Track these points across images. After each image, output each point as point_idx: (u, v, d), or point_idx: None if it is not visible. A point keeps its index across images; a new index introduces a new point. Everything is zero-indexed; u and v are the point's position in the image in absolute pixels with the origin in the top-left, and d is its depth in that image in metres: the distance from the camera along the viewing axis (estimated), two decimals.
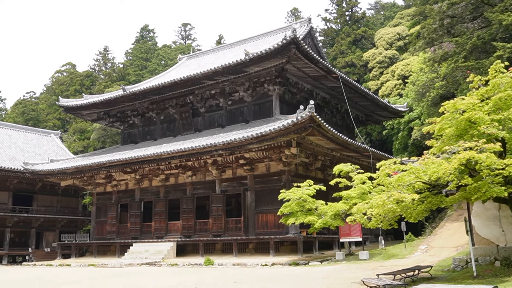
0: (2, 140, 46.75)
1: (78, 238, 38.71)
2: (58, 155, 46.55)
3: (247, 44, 38.65)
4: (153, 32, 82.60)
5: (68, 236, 39.88)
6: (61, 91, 68.79)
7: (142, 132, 38.09)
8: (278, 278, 16.08)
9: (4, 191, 42.63)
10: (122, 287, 15.08)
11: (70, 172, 35.72)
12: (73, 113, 42.50)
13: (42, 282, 18.08)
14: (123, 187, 36.36)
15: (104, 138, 54.69)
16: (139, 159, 30.71)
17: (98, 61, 78.32)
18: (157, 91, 33.99)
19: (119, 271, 23.83)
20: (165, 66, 66.63)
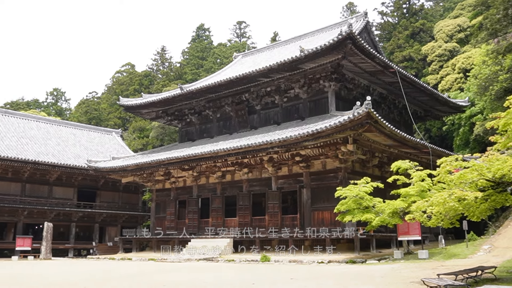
0: (67, 138, 48.92)
1: (139, 233, 39.96)
2: (119, 152, 48.17)
3: (302, 41, 38.50)
4: (208, 31, 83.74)
5: (129, 231, 41.25)
6: (121, 91, 71.10)
7: (199, 130, 38.77)
8: (334, 276, 16.00)
9: (70, 187, 44.67)
10: (184, 281, 15.46)
11: (130, 169, 36.91)
12: (133, 112, 43.87)
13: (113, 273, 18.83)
14: (181, 184, 37.18)
15: (162, 136, 56.06)
16: (196, 156, 31.29)
17: (156, 60, 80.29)
18: (213, 89, 34.48)
19: (178, 266, 24.41)
20: (221, 65, 67.43)
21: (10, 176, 40.71)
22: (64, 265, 27.18)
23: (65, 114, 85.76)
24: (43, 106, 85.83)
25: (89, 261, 33.70)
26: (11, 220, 40.92)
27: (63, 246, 42.59)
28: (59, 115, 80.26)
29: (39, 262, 31.88)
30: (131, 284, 14.65)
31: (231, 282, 15.16)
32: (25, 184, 41.76)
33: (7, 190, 40.63)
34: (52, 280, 16.26)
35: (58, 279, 16.63)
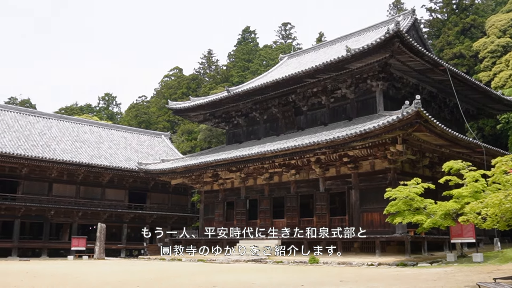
0: (119, 142, 50.32)
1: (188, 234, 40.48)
2: (168, 155, 49.12)
3: (348, 40, 38.12)
4: (254, 33, 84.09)
5: (178, 232, 41.92)
6: (169, 94, 72.46)
7: (246, 132, 39.03)
8: (385, 278, 15.75)
9: (121, 189, 45.93)
10: (232, 281, 15.62)
11: (179, 171, 37.58)
12: (181, 115, 44.67)
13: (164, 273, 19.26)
14: (229, 186, 37.54)
15: (210, 138, 56.74)
16: (243, 158, 31.52)
17: (203, 64, 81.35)
18: (259, 91, 34.63)
19: (227, 267, 24.66)
20: (267, 66, 67.58)
21: (65, 178, 42.29)
22: (117, 265, 27.98)
23: (116, 118, 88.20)
24: (96, 111, 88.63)
25: (140, 261, 34.53)
26: (67, 221, 42.48)
27: (115, 247, 43.80)
28: (111, 119, 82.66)
29: (93, 262, 32.94)
30: (182, 284, 14.92)
31: (279, 283, 15.19)
32: (79, 187, 43.25)
33: (63, 192, 42.23)
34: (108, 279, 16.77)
35: (113, 278, 17.15)
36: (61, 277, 17.49)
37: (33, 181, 40.83)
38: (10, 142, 39.82)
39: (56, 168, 40.55)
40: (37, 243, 41.18)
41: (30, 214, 39.96)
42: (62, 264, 29.77)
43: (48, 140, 43.41)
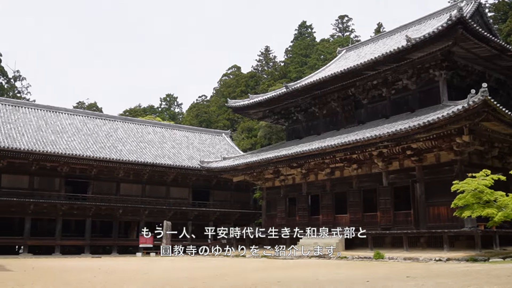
0: (181, 141, 51.53)
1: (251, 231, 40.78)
2: (229, 153, 49.74)
3: (408, 30, 37.05)
4: (310, 28, 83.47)
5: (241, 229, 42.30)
6: (228, 93, 73.31)
7: (305, 127, 38.84)
8: (454, 274, 15.23)
9: (185, 187, 47.02)
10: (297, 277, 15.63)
11: (241, 169, 37.97)
12: (241, 112, 45.09)
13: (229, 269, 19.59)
14: (290, 182, 37.53)
15: (270, 135, 56.92)
16: (304, 153, 31.41)
17: (260, 61, 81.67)
18: (318, 86, 34.35)
19: (291, 263, 24.69)
20: (325, 61, 66.91)
21: (132, 178, 43.80)
22: (182, 261, 28.66)
23: (178, 118, 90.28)
24: (158, 112, 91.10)
25: (205, 257, 35.18)
26: (134, 219, 44.00)
27: (181, 243, 44.85)
28: (173, 119, 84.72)
29: (160, 258, 33.92)
30: (246, 280, 15.09)
31: (344, 279, 15.04)
32: (145, 186, 44.68)
33: (130, 191, 43.78)
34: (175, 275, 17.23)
35: (179, 274, 17.60)
36: (131, 273, 18.15)
37: (102, 181, 42.61)
38: (80, 145, 41.71)
39: (122, 168, 42.09)
40: (107, 241, 42.96)
41: (100, 213, 41.75)
42: (131, 260, 30.88)
43: (114, 142, 45.13)
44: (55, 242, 39.74)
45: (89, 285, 13.64)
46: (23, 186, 38.85)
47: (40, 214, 39.47)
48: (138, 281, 15.00)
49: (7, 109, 43.30)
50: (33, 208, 38.39)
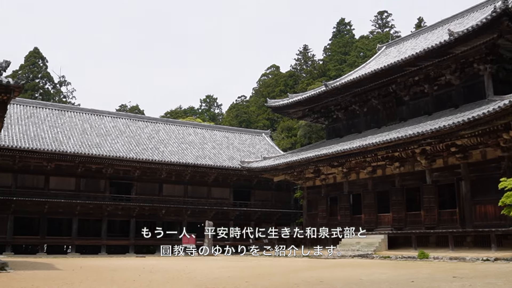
0: (221, 142, 51.96)
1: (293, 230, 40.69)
2: (269, 152, 49.79)
3: (450, 24, 36.12)
4: (349, 25, 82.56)
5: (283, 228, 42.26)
6: (267, 93, 73.36)
7: (346, 126, 38.48)
8: (503, 274, 14.76)
9: (226, 187, 47.37)
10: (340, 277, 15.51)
11: (281, 168, 37.97)
12: (280, 112, 45.08)
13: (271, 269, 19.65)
14: (331, 181, 37.27)
15: (309, 134, 56.67)
16: (344, 152, 31.15)
17: (299, 60, 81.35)
18: (358, 83, 33.99)
19: (333, 262, 24.52)
20: (364, 58, 66.08)
21: (174, 179, 44.48)
22: (225, 261, 28.89)
23: (217, 119, 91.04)
24: (198, 113, 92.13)
25: (247, 257, 35.36)
26: (177, 220, 44.66)
27: (223, 243, 45.20)
28: (213, 120, 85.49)
29: (203, 258, 34.28)
30: (289, 279, 15.08)
31: (388, 279, 14.82)
32: (187, 186, 45.27)
33: (172, 192, 44.47)
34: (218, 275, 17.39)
35: (222, 274, 17.74)
36: (174, 272, 18.42)
37: (145, 182, 43.46)
38: (123, 147, 42.67)
39: (165, 169, 42.79)
40: (151, 241, 43.71)
41: (143, 214, 42.59)
42: (175, 260, 31.33)
43: (156, 143, 45.94)
44: (101, 242, 40.79)
45: (135, 284, 13.94)
46: (70, 187, 40.07)
47: (86, 215, 40.61)
48: (181, 280, 15.22)
49: (54, 114, 44.75)
50: (80, 209, 39.54)
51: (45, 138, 39.48)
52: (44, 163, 38.67)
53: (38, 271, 18.54)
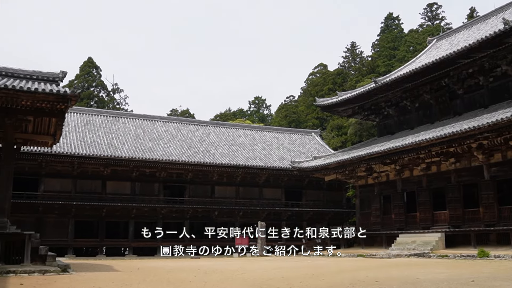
0: (271, 142, 52.07)
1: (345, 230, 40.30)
2: (320, 152, 49.46)
3: (504, 12, 34.75)
4: (397, 20, 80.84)
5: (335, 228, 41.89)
6: (316, 92, 72.89)
7: (397, 122, 37.75)
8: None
9: (277, 188, 47.42)
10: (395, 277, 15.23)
11: (332, 167, 37.65)
12: (329, 111, 44.71)
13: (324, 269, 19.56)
14: (384, 179, 36.63)
15: (360, 132, 55.88)
16: (397, 149, 30.56)
17: (347, 57, 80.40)
18: (409, 78, 33.27)
19: (388, 262, 24.07)
20: (414, 52, 64.51)
21: (225, 180, 44.96)
22: (278, 261, 28.93)
23: (267, 120, 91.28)
24: (247, 115, 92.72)
25: (300, 257, 35.27)
26: (230, 221, 45.04)
27: (275, 243, 45.27)
28: (262, 121, 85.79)
29: (256, 259, 34.48)
30: (343, 279, 14.93)
31: (447, 278, 14.41)
32: (238, 187, 45.64)
33: (224, 194, 44.96)
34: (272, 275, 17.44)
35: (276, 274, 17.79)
36: (228, 273, 18.61)
37: (197, 184, 44.16)
38: (175, 150, 43.53)
39: (216, 171, 43.33)
40: (204, 242, 44.30)
41: (197, 215, 43.26)
42: (228, 261, 31.66)
43: (207, 146, 46.60)
44: (157, 243, 41.70)
45: (191, 285, 14.19)
46: (125, 191, 41.28)
47: (142, 218, 41.64)
48: (236, 281, 15.37)
49: (108, 120, 46.25)
50: (136, 212, 40.63)
51: (101, 144, 40.87)
52: (101, 168, 40.01)
53: (98, 272, 19.19)
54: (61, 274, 16.71)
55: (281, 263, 26.31)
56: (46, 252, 18.81)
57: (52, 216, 38.21)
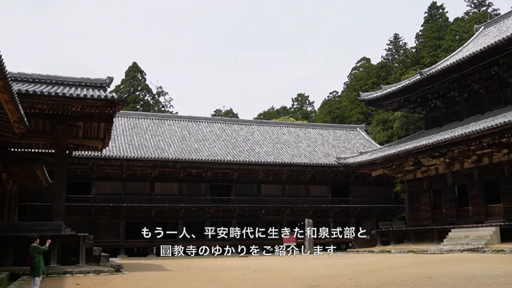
0: (316, 139, 51.76)
1: (395, 225, 39.69)
2: (365, 147, 48.81)
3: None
4: (442, 8, 78.65)
5: (384, 224, 41.34)
6: (359, 86, 71.93)
7: (445, 114, 36.76)
8: None
9: (323, 185, 47.11)
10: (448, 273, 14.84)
11: (379, 162, 37.06)
12: (374, 105, 44.03)
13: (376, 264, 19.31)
14: (433, 172, 35.77)
15: (406, 125, 54.74)
16: (446, 142, 29.77)
17: (390, 50, 78.90)
18: (456, 68, 32.32)
19: (440, 257, 23.49)
20: (461, 41, 62.60)
21: (271, 179, 45.01)
22: (327, 259, 28.73)
23: (310, 116, 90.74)
24: (291, 112, 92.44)
25: (349, 254, 34.93)
26: (277, 219, 45.11)
27: (323, 241, 44.95)
28: (305, 118, 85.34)
29: (304, 257, 34.36)
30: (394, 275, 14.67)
31: (503, 274, 13.92)
32: (284, 185, 45.61)
33: (270, 192, 45.03)
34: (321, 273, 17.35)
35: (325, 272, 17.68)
36: (278, 271, 18.62)
37: (243, 183, 44.41)
38: (221, 150, 43.94)
39: (262, 170, 43.45)
40: (252, 241, 44.50)
41: (244, 214, 43.52)
42: (276, 259, 31.70)
43: (252, 145, 46.79)
44: (205, 243, 42.18)
45: (240, 283, 14.29)
46: (173, 192, 42.00)
47: (190, 218, 42.25)
48: (285, 279, 15.36)
49: (155, 123, 47.18)
50: (184, 212, 41.27)
51: (148, 147, 41.74)
52: (149, 170, 40.86)
53: (150, 272, 19.62)
54: (115, 274, 17.17)
55: (330, 261, 26.14)
56: (99, 253, 19.39)
57: (104, 217, 39.37)
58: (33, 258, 11.96)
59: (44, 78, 20.53)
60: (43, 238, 12.99)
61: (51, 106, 18.10)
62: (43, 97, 17.65)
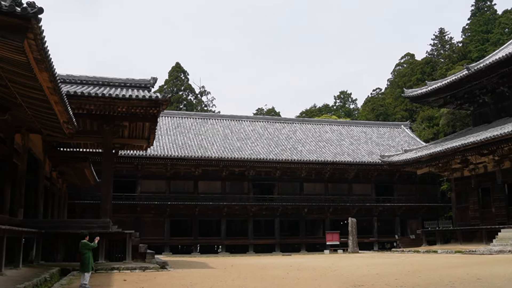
0: (359, 137, 51.13)
1: (441, 225, 38.70)
2: (410, 145, 47.84)
3: None
4: (489, 1, 76.12)
5: (430, 223, 40.37)
6: (403, 83, 70.51)
7: (494, 110, 35.60)
8: None
9: (367, 183, 46.47)
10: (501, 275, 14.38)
11: (424, 160, 36.27)
12: (419, 101, 43.11)
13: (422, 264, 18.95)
14: (481, 170, 34.71)
15: (453, 122, 53.29)
16: (495, 138, 28.83)
17: (435, 45, 76.98)
18: (505, 62, 31.24)
19: (489, 258, 22.78)
20: (510, 34, 60.52)
21: (313, 177, 44.82)
22: (371, 258, 28.35)
23: (353, 114, 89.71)
24: (333, 110, 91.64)
25: (394, 254, 34.33)
26: (320, 218, 44.89)
27: (367, 240, 44.42)
28: (348, 116, 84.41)
29: (348, 256, 34.03)
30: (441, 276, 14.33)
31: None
32: (327, 184, 45.31)
33: (313, 190, 44.80)
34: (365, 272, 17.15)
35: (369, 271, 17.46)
36: (321, 270, 18.53)
37: (285, 182, 44.38)
38: (263, 149, 44.05)
39: (304, 168, 43.28)
40: (295, 239, 44.49)
41: (286, 213, 43.50)
42: (320, 258, 31.51)
43: (294, 143, 46.68)
44: (248, 241, 42.47)
45: (283, 281, 14.29)
46: (216, 191, 42.43)
47: (232, 216, 42.62)
48: (329, 278, 15.26)
49: (198, 122, 47.78)
50: (227, 210, 41.62)
51: (191, 146, 42.32)
52: (192, 169, 41.42)
53: (194, 269, 19.88)
54: (160, 271, 17.50)
55: (374, 260, 25.77)
56: (145, 250, 19.80)
57: (149, 215, 40.19)
58: (83, 254, 12.32)
59: (91, 80, 21.15)
60: (91, 235, 13.36)
61: (98, 107, 18.61)
62: (90, 98, 18.16)
